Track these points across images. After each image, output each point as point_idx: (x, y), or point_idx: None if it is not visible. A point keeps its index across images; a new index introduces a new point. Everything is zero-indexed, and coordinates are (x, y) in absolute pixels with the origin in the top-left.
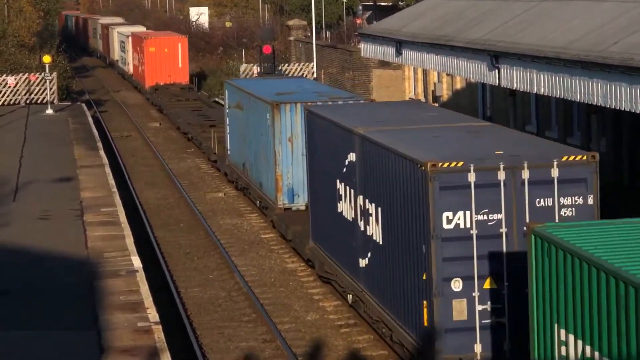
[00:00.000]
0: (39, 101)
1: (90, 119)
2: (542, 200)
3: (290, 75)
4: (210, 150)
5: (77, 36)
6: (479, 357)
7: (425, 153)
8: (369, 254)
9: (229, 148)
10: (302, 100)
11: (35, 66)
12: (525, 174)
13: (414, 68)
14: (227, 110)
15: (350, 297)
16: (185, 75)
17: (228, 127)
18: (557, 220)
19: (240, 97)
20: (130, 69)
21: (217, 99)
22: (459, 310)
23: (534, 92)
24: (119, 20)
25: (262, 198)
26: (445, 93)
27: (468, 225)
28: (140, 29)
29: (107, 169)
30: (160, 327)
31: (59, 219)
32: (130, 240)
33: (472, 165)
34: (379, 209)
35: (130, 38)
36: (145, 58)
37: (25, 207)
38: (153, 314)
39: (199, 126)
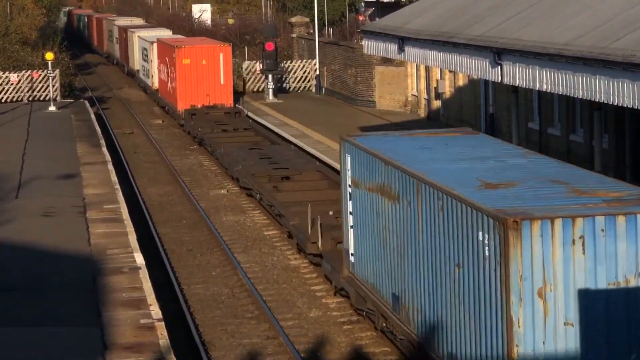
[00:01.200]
0: (41, 98)
1: (92, 116)
2: None
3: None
4: (304, 236)
5: (90, 38)
6: None
7: None
8: None
9: (352, 252)
10: (563, 207)
11: (37, 63)
12: None
13: (416, 65)
14: (347, 184)
15: None
16: (229, 95)
17: (351, 216)
18: None
19: (389, 177)
20: (154, 83)
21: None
22: None
23: (537, 88)
24: (139, 21)
25: None
26: (447, 90)
27: None
28: (165, 32)
29: (110, 166)
30: (163, 323)
31: (62, 216)
32: (133, 237)
33: None
34: None
35: (155, 45)
36: (177, 72)
37: (28, 204)
38: (156, 311)
39: (266, 178)
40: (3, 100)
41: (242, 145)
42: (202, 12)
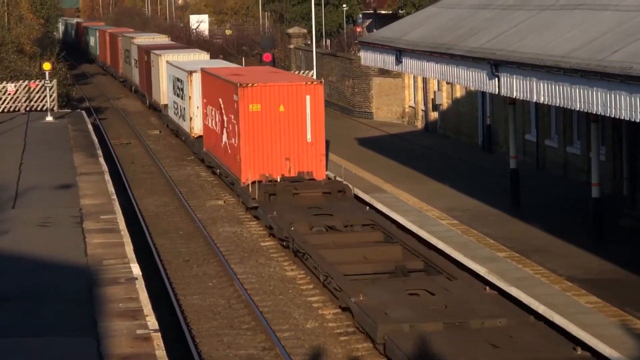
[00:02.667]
0: (38, 108)
1: (90, 126)
2: None
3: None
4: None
5: (102, 57)
6: None
7: None
8: None
9: None
10: None
11: (35, 73)
12: None
13: (414, 76)
14: None
15: None
16: (320, 159)
17: None
18: None
19: None
20: (195, 128)
21: None
22: None
23: (534, 100)
24: (162, 39)
25: None
26: (445, 101)
27: None
28: (201, 56)
29: (107, 176)
30: (159, 334)
31: (59, 226)
32: (129, 248)
33: None
34: None
35: (197, 77)
36: (242, 123)
37: (24, 214)
38: (152, 322)
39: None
40: (0, 110)
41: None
42: (200, 23)
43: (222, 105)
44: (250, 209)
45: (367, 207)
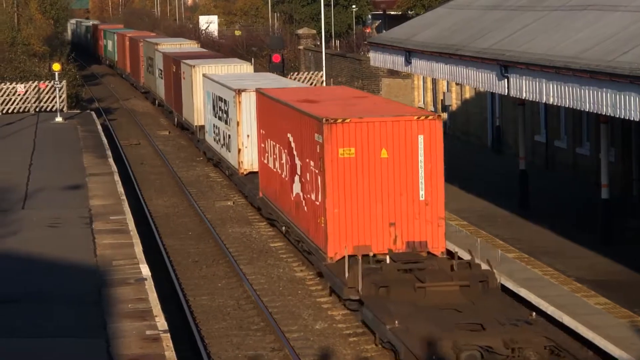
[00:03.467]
0: (48, 109)
1: (99, 127)
2: None
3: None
4: None
5: (122, 64)
6: None
7: None
8: None
9: None
10: None
11: (45, 74)
12: None
13: (423, 77)
14: None
15: None
16: (439, 228)
17: None
18: None
19: None
20: (245, 163)
21: None
22: None
23: (543, 101)
24: (191, 45)
25: None
26: (454, 102)
27: None
28: (244, 67)
29: (116, 177)
30: (168, 335)
31: (68, 227)
32: (139, 249)
33: None
34: None
35: (248, 98)
36: (329, 175)
37: (34, 215)
38: (162, 322)
39: None
40: (10, 111)
41: None
42: (209, 24)
43: (291, 143)
44: (345, 300)
45: (534, 313)
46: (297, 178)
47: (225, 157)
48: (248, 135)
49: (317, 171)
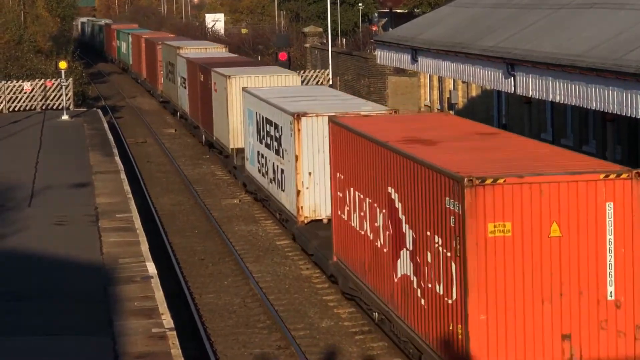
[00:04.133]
0: (54, 107)
1: (105, 125)
2: None
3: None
4: None
5: (137, 68)
6: None
7: None
8: None
9: None
10: None
11: (51, 72)
12: None
13: (429, 75)
14: None
15: None
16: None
17: None
18: None
19: None
20: (305, 209)
21: None
22: None
23: (550, 99)
24: (220, 49)
25: None
26: (460, 100)
27: None
28: (290, 76)
29: (123, 175)
30: (174, 333)
31: (74, 225)
32: (145, 247)
33: None
34: None
35: (310, 125)
36: (473, 262)
37: (40, 213)
38: (168, 320)
39: None
40: (16, 109)
41: None
42: (216, 22)
43: (395, 203)
44: None
45: None
46: (405, 254)
47: (276, 197)
48: (310, 173)
49: (448, 253)
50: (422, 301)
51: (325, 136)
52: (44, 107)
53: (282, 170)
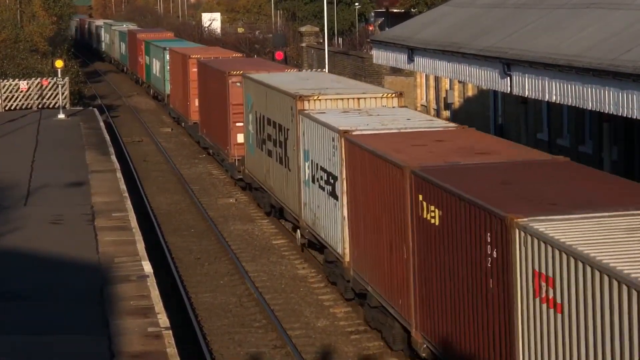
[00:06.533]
0: (51, 106)
1: (102, 124)
2: None
3: None
4: None
5: (179, 102)
6: None
7: None
8: None
9: None
10: None
11: (47, 71)
12: None
13: (425, 75)
14: None
15: None
16: None
17: None
18: None
19: None
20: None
21: None
22: None
23: (546, 100)
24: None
25: None
26: (457, 100)
27: None
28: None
29: (119, 174)
30: (170, 332)
31: (71, 224)
32: (141, 246)
33: None
34: None
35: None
36: None
37: (36, 212)
38: (163, 319)
39: None
40: (12, 108)
41: None
42: (212, 21)
43: None
44: None
45: None
46: None
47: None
48: None
49: None
50: None
51: None
52: (40, 106)
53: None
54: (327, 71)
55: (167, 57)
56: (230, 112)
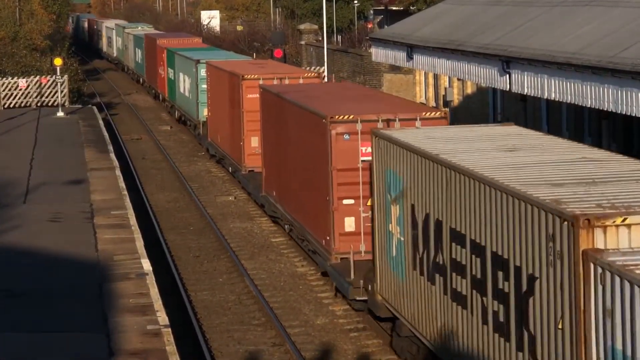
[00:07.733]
0: (50, 104)
1: (101, 122)
2: None
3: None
4: None
5: (220, 136)
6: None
7: None
8: None
9: None
10: None
11: (46, 69)
12: None
13: (425, 73)
14: None
15: None
16: None
17: None
18: None
19: None
20: None
21: None
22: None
23: (545, 97)
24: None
25: None
26: (456, 98)
27: None
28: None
29: (118, 172)
30: (169, 330)
31: (70, 222)
32: (140, 243)
33: None
34: None
35: None
36: None
37: (35, 210)
38: (163, 317)
39: None
40: (11, 106)
41: None
42: (211, 19)
43: None
44: None
45: None
46: None
47: None
48: None
49: None
50: None
51: None
52: (39, 104)
53: None
54: (326, 69)
55: (203, 73)
56: (334, 181)
